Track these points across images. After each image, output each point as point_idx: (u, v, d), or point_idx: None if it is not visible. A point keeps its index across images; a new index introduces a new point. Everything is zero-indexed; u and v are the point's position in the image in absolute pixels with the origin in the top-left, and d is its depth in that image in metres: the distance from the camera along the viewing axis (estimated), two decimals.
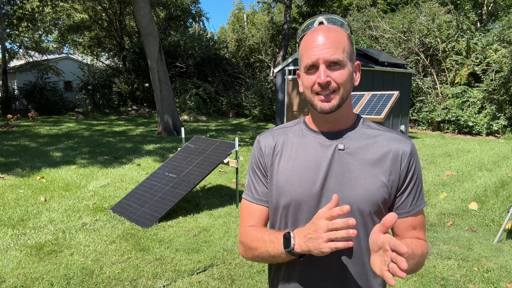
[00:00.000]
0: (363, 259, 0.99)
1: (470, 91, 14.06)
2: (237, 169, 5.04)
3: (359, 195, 0.98)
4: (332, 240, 0.83)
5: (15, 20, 20.35)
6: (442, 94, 14.95)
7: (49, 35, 28.43)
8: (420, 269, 1.01)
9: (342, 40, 0.97)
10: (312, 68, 0.97)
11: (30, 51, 21.51)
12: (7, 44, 20.72)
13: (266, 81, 20.77)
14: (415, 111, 15.63)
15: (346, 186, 0.99)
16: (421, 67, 16.00)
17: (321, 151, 1.03)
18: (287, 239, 0.92)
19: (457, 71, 14.76)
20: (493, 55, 13.70)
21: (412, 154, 1.02)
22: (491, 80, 13.37)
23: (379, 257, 0.83)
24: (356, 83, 1.03)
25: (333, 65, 0.96)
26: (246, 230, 1.09)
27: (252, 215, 1.11)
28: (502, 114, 13.14)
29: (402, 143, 1.02)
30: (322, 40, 0.95)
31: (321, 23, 1.00)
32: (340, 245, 0.82)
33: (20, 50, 21.99)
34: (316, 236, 0.85)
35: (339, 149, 1.01)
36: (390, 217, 0.82)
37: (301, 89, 1.06)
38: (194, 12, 26.65)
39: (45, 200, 5.32)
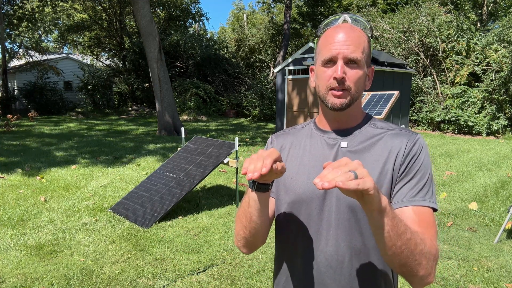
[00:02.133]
0: (369, 257, 0.98)
1: (470, 91, 14.05)
2: (237, 169, 5.04)
3: None
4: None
5: (15, 20, 20.35)
6: (442, 94, 14.95)
7: (49, 35, 28.44)
8: (422, 264, 0.83)
9: (363, 41, 0.98)
10: (330, 62, 0.97)
11: (30, 51, 21.52)
12: (7, 44, 20.73)
13: (266, 81, 20.77)
14: (415, 111, 15.62)
15: None
16: (421, 67, 16.00)
17: (326, 149, 1.04)
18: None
19: (457, 71, 14.76)
20: (493, 55, 13.70)
21: (416, 146, 0.98)
22: (491, 80, 13.37)
23: None
24: (367, 87, 1.05)
25: (350, 63, 0.96)
26: None
27: None
28: (502, 114, 13.14)
29: (406, 137, 1.00)
30: (344, 37, 0.96)
31: (344, 21, 1.00)
32: (256, 175, 0.80)
33: (20, 50, 22.01)
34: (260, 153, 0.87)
35: (342, 147, 1.02)
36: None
37: (312, 84, 1.06)
38: (194, 12, 26.67)
39: (45, 200, 5.32)
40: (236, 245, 1.09)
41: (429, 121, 14.84)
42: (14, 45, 21.99)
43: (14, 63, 23.10)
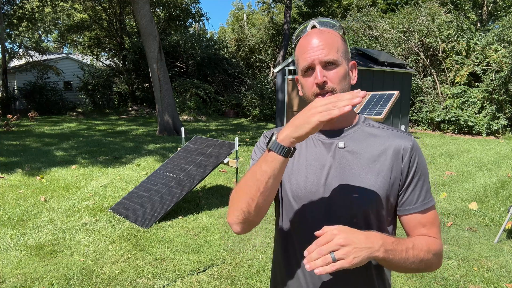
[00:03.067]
0: None
1: (470, 91, 14.06)
2: (237, 169, 5.04)
3: (360, 192, 0.98)
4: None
5: (15, 20, 20.34)
6: (442, 94, 14.95)
7: (49, 35, 28.44)
8: (431, 267, 0.98)
9: (335, 40, 0.99)
10: (309, 70, 0.99)
11: (30, 51, 21.51)
12: (7, 44, 20.73)
13: (266, 81, 20.76)
14: (415, 111, 15.63)
15: (346, 184, 1.00)
16: (421, 67, 16.00)
17: (322, 149, 1.05)
18: (271, 139, 0.89)
19: (457, 71, 14.76)
20: (493, 55, 13.71)
21: (414, 150, 1.01)
22: (491, 80, 13.37)
23: None
24: (353, 82, 1.06)
25: (328, 65, 0.98)
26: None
27: None
28: (502, 114, 13.14)
29: (403, 139, 1.02)
30: (316, 42, 0.98)
31: (313, 27, 1.02)
32: (336, 112, 0.78)
33: (20, 50, 22.00)
34: (309, 108, 0.82)
35: (339, 147, 1.03)
36: None
37: (301, 93, 1.09)
38: (194, 12, 26.64)
39: (45, 200, 5.32)
40: (229, 222, 1.01)
41: (429, 121, 14.84)
42: (14, 45, 21.99)
43: (14, 63, 23.07)
